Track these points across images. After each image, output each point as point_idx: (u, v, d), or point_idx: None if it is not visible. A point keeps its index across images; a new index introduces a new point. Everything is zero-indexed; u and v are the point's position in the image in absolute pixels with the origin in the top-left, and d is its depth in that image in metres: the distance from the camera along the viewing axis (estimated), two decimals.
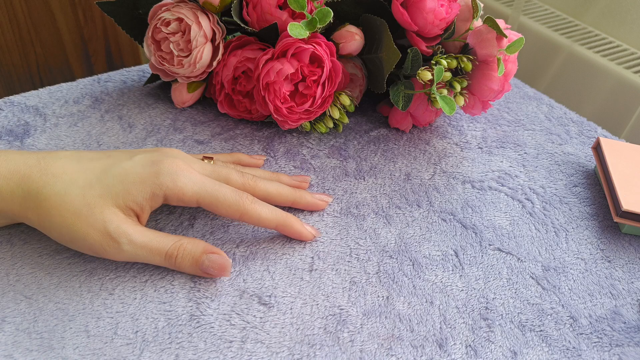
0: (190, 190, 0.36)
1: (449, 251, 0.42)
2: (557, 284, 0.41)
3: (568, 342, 0.37)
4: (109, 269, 0.37)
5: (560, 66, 1.04)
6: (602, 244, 0.45)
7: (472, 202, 0.47)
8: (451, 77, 0.49)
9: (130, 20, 0.53)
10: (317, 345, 0.34)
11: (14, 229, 0.39)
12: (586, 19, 1.06)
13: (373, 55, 0.51)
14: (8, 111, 0.51)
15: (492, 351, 0.35)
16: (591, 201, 0.49)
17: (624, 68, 0.95)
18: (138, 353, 0.32)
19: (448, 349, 0.35)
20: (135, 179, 0.35)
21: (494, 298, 0.39)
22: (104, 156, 0.37)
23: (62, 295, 0.35)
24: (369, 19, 0.49)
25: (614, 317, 0.39)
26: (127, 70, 0.59)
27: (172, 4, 0.49)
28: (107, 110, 0.53)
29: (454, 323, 0.37)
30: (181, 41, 0.49)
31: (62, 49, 1.06)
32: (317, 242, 0.41)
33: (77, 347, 0.32)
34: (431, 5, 0.47)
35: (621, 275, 0.42)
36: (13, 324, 0.33)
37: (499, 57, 0.48)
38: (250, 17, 0.49)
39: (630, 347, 0.37)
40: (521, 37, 0.48)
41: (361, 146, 0.52)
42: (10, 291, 0.35)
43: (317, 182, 0.47)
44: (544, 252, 0.43)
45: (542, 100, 0.63)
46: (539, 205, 0.48)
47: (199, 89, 0.53)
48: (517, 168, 0.52)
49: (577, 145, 0.57)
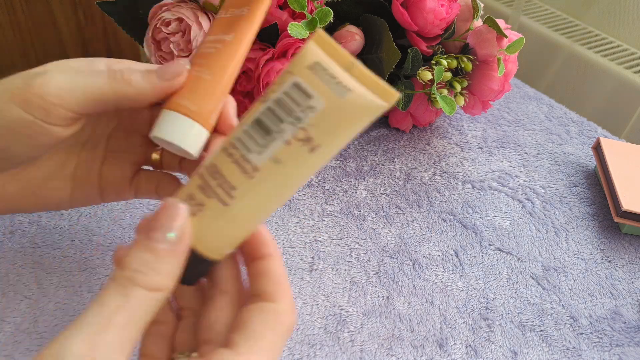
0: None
1: (449, 251, 0.42)
2: (557, 284, 0.41)
3: (568, 342, 0.37)
4: (110, 268, 0.37)
5: (560, 66, 1.04)
6: (602, 244, 0.45)
7: (472, 202, 0.47)
8: (451, 77, 0.49)
9: (130, 20, 0.53)
10: (317, 345, 0.34)
11: (15, 228, 0.39)
12: (586, 19, 1.06)
13: (373, 55, 0.51)
14: None
15: (492, 351, 0.35)
16: (591, 201, 0.49)
17: (624, 68, 0.95)
18: (138, 353, 0.32)
19: (448, 349, 0.35)
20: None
21: (494, 298, 0.39)
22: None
23: (62, 295, 0.35)
24: (369, 19, 0.49)
25: (614, 317, 0.39)
26: None
27: (172, 4, 0.49)
28: None
29: (454, 323, 0.37)
30: (181, 41, 0.49)
31: (62, 49, 1.06)
32: (317, 242, 0.41)
33: None
34: (431, 5, 0.47)
35: (621, 275, 0.42)
36: (13, 324, 0.33)
37: (499, 57, 0.48)
38: None
39: (630, 347, 0.37)
40: (521, 37, 0.48)
41: (361, 146, 0.52)
42: (10, 291, 0.35)
43: (317, 182, 0.47)
44: (544, 252, 0.43)
45: (542, 100, 0.63)
46: (539, 205, 0.48)
47: None
48: (517, 168, 0.52)
49: (577, 145, 0.57)
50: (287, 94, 0.23)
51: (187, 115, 0.30)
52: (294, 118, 0.23)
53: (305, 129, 0.23)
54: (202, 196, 0.24)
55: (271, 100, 0.24)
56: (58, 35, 1.04)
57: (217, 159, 0.24)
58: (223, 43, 0.33)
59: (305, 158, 0.23)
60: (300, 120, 0.23)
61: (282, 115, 0.23)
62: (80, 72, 0.27)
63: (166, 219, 0.23)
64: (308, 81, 0.23)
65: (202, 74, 0.32)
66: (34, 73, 0.26)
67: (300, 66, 0.23)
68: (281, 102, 0.23)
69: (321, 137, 0.23)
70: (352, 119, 0.23)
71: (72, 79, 0.26)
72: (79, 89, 0.26)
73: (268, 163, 0.23)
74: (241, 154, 0.23)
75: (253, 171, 0.23)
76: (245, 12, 0.34)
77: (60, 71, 0.26)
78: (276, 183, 0.24)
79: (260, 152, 0.23)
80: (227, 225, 0.24)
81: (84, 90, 0.26)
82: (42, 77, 0.26)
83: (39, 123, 0.26)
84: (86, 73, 0.27)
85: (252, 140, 0.23)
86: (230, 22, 0.34)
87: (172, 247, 0.22)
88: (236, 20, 0.34)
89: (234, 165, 0.24)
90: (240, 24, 0.34)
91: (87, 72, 0.27)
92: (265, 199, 0.24)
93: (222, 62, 0.33)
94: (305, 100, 0.23)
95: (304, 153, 0.23)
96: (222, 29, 0.34)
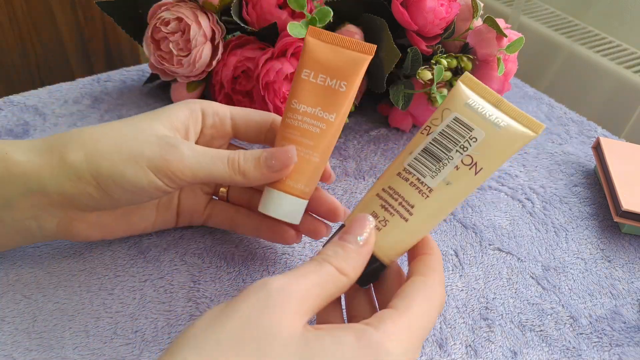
0: (222, 105, 0.36)
1: (449, 251, 0.42)
2: (557, 284, 0.41)
3: (568, 342, 0.37)
4: (109, 268, 0.37)
5: (560, 66, 1.04)
6: (602, 244, 0.45)
7: (472, 202, 0.47)
8: (451, 77, 0.49)
9: (129, 19, 0.53)
10: None
11: None
12: (586, 19, 1.06)
13: None
14: (8, 111, 0.51)
15: (492, 351, 0.35)
16: (591, 201, 0.49)
17: (624, 68, 0.95)
18: (137, 353, 0.32)
19: (448, 349, 0.35)
20: (173, 105, 0.34)
21: (494, 298, 0.39)
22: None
23: (61, 295, 0.35)
24: (368, 19, 0.49)
25: (614, 317, 0.39)
26: (126, 69, 0.59)
27: (171, 4, 0.49)
28: (107, 109, 0.53)
29: (454, 323, 0.37)
30: (181, 40, 0.49)
31: (61, 49, 1.06)
32: (317, 242, 0.41)
33: (76, 346, 0.32)
34: (431, 5, 0.47)
35: (621, 275, 0.42)
36: (12, 323, 0.33)
37: (499, 56, 0.48)
38: (249, 17, 0.49)
39: (630, 347, 0.37)
40: (521, 37, 0.48)
41: (361, 146, 0.52)
42: (9, 291, 0.35)
43: None
44: (544, 251, 0.43)
45: (542, 100, 0.63)
46: (539, 205, 0.48)
47: (198, 89, 0.53)
48: (517, 168, 0.52)
49: (577, 145, 0.57)
50: (450, 127, 0.29)
51: (299, 196, 0.33)
52: (460, 147, 0.29)
53: (471, 155, 0.28)
54: (385, 213, 0.29)
55: (436, 132, 0.29)
56: (57, 34, 1.04)
57: (394, 183, 0.30)
58: (327, 123, 0.33)
59: (471, 179, 0.29)
60: (466, 149, 0.28)
61: (449, 144, 0.29)
62: (206, 155, 0.31)
63: (358, 227, 0.28)
64: (467, 116, 0.29)
65: (310, 157, 0.33)
66: (167, 144, 0.31)
67: (456, 104, 0.29)
68: (445, 134, 0.29)
69: (483, 162, 0.28)
70: (508, 146, 0.28)
71: (200, 161, 0.31)
72: (203, 171, 0.31)
73: (441, 184, 0.29)
74: (417, 177, 0.29)
75: (428, 192, 0.29)
76: (345, 89, 0.33)
77: (189, 149, 0.31)
78: (446, 200, 0.29)
79: (434, 176, 0.29)
80: (406, 236, 0.29)
81: (208, 172, 0.31)
82: (175, 153, 0.31)
83: (164, 187, 0.31)
84: (210, 156, 0.32)
85: (424, 166, 0.29)
86: (327, 95, 0.33)
87: (358, 248, 0.27)
88: (335, 96, 0.33)
89: (412, 187, 0.29)
90: (340, 102, 0.33)
91: (211, 156, 0.32)
92: (438, 213, 0.29)
93: (328, 144, 0.34)
94: (467, 132, 0.29)
95: (470, 175, 0.28)
96: (318, 101, 0.33)
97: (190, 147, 0.31)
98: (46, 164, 0.30)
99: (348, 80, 0.33)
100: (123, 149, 0.30)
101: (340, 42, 0.33)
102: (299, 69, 0.33)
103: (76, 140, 0.31)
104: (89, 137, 0.31)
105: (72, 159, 0.30)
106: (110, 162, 0.30)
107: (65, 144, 0.31)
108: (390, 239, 0.29)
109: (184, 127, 0.34)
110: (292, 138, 0.33)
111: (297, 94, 0.33)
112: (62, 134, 0.32)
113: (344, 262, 0.27)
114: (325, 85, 0.33)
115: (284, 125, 0.34)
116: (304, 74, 0.33)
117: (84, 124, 0.50)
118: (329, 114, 0.33)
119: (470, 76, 0.30)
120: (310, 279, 0.25)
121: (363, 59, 0.33)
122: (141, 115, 0.33)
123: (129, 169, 0.30)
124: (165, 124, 0.32)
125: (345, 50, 0.33)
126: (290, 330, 0.23)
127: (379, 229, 0.29)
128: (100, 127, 0.32)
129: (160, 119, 0.33)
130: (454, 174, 0.29)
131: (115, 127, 0.32)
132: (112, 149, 0.30)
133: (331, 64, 0.33)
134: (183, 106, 0.34)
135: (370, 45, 0.33)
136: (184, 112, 0.34)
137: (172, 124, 0.33)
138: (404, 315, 0.25)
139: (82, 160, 0.30)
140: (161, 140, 0.31)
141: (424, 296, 0.27)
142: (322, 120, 0.33)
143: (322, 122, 0.33)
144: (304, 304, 0.24)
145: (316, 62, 0.33)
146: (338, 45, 0.33)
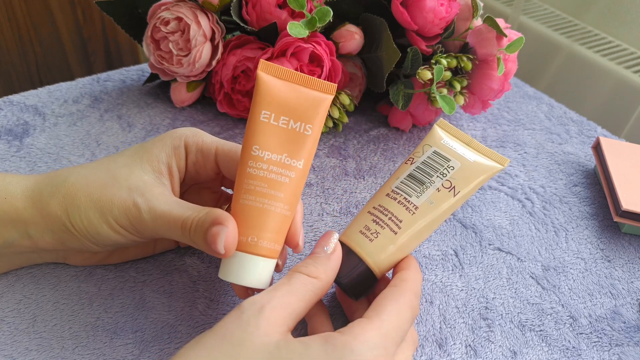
0: (209, 137, 0.35)
1: (449, 251, 0.42)
2: (557, 284, 0.41)
3: (568, 342, 0.37)
4: (109, 268, 0.37)
5: (560, 66, 1.04)
6: (602, 244, 0.45)
7: (472, 202, 0.47)
8: (451, 77, 0.49)
9: (129, 19, 0.53)
10: None
11: None
12: (586, 19, 1.06)
13: (373, 54, 0.51)
14: (7, 111, 0.51)
15: (492, 351, 0.35)
16: (591, 201, 0.49)
17: (624, 68, 0.95)
18: (137, 353, 0.32)
19: (448, 348, 0.35)
20: (154, 141, 0.34)
21: (494, 298, 0.39)
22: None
23: (61, 295, 0.35)
24: (368, 18, 0.49)
25: (614, 316, 0.39)
26: (126, 69, 0.59)
27: (171, 3, 0.49)
28: (107, 109, 0.53)
29: (454, 323, 0.37)
30: (180, 40, 0.49)
31: (61, 48, 1.06)
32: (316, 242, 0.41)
33: (76, 347, 0.32)
34: (431, 5, 0.47)
35: (621, 275, 0.42)
36: (12, 323, 0.33)
37: (499, 56, 0.48)
38: (249, 16, 0.49)
39: (630, 346, 0.37)
40: (521, 37, 0.48)
41: (361, 145, 0.52)
42: (9, 291, 0.35)
43: (317, 182, 0.47)
44: (543, 251, 0.43)
45: (542, 100, 0.63)
46: (539, 205, 0.48)
47: (198, 88, 0.53)
48: (517, 167, 0.52)
49: (577, 144, 0.57)
50: (430, 157, 0.35)
51: (267, 256, 0.30)
52: (440, 173, 0.34)
53: (450, 180, 0.34)
54: (376, 226, 0.33)
55: (419, 162, 0.35)
56: (57, 34, 1.04)
57: (384, 202, 0.34)
58: (295, 171, 0.30)
59: (450, 200, 0.33)
60: (445, 175, 0.34)
61: (430, 171, 0.34)
62: (163, 218, 0.31)
63: (324, 240, 0.31)
64: (444, 150, 0.35)
65: (280, 210, 0.30)
66: (133, 203, 0.31)
67: (435, 141, 0.36)
68: (427, 163, 0.34)
69: (460, 185, 0.34)
70: (479, 175, 0.34)
71: (157, 225, 0.31)
72: (162, 232, 0.32)
73: (425, 203, 0.33)
74: (404, 197, 0.33)
75: (415, 209, 0.33)
76: (311, 133, 0.30)
77: (149, 211, 0.31)
78: (430, 217, 0.33)
79: (419, 195, 0.33)
80: (395, 249, 0.33)
81: (167, 234, 0.32)
82: (136, 213, 0.31)
83: (136, 239, 0.33)
84: (166, 220, 0.31)
85: (410, 188, 0.34)
86: (293, 139, 0.30)
87: (326, 255, 0.30)
88: (301, 141, 0.30)
89: (400, 205, 0.33)
90: (307, 147, 0.30)
91: (167, 221, 0.31)
92: (423, 229, 0.33)
93: (297, 194, 0.31)
94: (446, 162, 0.34)
95: (449, 196, 0.33)
96: (284, 146, 0.30)
97: (151, 209, 0.31)
98: (37, 213, 0.32)
99: (313, 123, 0.30)
100: (97, 204, 0.31)
101: (297, 79, 0.30)
102: (254, 109, 0.30)
103: (59, 191, 0.32)
104: (71, 188, 0.32)
105: (54, 213, 0.32)
106: (87, 218, 0.31)
107: (52, 193, 0.32)
108: (381, 250, 0.32)
109: (166, 167, 0.34)
110: (257, 191, 0.29)
111: (257, 139, 0.29)
112: (54, 177, 0.33)
113: (313, 267, 0.29)
114: (289, 129, 0.30)
115: (245, 176, 0.29)
116: (263, 116, 0.29)
117: (83, 123, 0.50)
118: (297, 160, 0.30)
119: (445, 122, 0.37)
120: (281, 290, 0.27)
121: (324, 99, 0.30)
122: (127, 155, 0.34)
123: (103, 225, 0.31)
124: (146, 168, 0.33)
125: (305, 89, 0.30)
126: (264, 340, 0.25)
127: (371, 240, 0.32)
128: (83, 175, 0.33)
129: (142, 162, 0.33)
130: (436, 195, 0.33)
131: (97, 175, 0.32)
132: (88, 204, 0.31)
133: (292, 104, 0.30)
134: (168, 142, 0.34)
135: (331, 84, 0.31)
136: (166, 152, 0.34)
137: (153, 167, 0.33)
138: (374, 320, 0.27)
139: (62, 213, 0.32)
140: (130, 196, 0.31)
141: (392, 300, 0.29)
142: (289, 168, 0.30)
143: (290, 170, 0.30)
144: (278, 313, 0.26)
145: (275, 102, 0.30)
146: (295, 82, 0.30)
